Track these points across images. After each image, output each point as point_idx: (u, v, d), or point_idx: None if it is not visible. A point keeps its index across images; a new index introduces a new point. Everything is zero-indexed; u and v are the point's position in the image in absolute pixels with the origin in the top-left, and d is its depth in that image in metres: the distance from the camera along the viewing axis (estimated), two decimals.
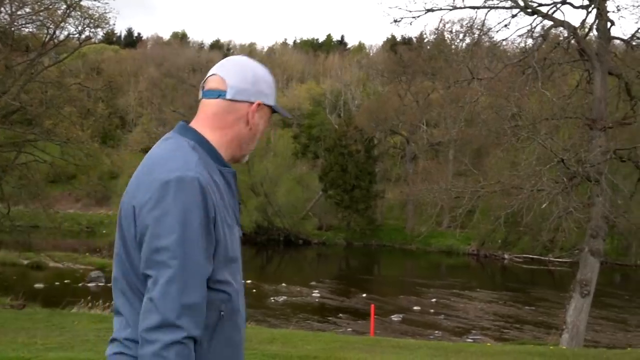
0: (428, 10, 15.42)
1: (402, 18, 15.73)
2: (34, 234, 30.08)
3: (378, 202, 59.61)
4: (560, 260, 42.11)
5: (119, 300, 2.01)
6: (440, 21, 55.92)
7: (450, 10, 15.32)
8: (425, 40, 55.29)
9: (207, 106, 2.25)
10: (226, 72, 2.24)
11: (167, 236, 1.86)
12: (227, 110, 2.23)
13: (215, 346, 2.04)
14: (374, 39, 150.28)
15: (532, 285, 37.66)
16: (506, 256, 50.95)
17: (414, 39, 63.25)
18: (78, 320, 10.33)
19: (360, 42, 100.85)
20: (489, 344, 14.18)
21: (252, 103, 2.26)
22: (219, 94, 2.22)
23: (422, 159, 60.32)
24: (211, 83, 2.26)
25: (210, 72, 2.29)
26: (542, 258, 48.06)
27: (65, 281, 29.38)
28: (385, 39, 67.51)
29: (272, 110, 2.41)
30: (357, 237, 57.07)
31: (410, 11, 15.45)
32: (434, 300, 30.33)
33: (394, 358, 7.43)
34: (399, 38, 72.53)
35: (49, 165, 27.67)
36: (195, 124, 2.24)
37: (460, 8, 15.07)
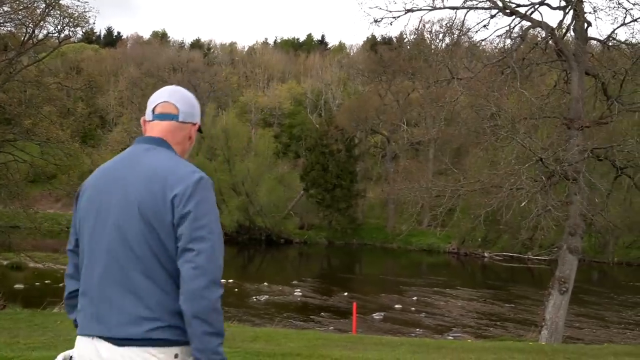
0: (408, 11, 15.56)
1: (382, 18, 15.87)
2: (13, 234, 29.76)
3: (359, 201, 59.87)
4: (539, 258, 42.66)
5: (145, 290, 2.38)
6: (420, 21, 56.38)
7: (430, 10, 15.49)
8: (405, 40, 55.71)
9: (161, 126, 2.71)
10: (176, 100, 2.75)
11: (205, 217, 2.44)
12: (179, 129, 2.73)
13: None
14: (355, 39, 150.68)
15: (512, 283, 38.03)
16: (486, 254, 51.40)
17: (394, 39, 63.52)
18: (60, 320, 10.36)
19: (340, 42, 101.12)
20: (469, 341, 14.35)
21: (194, 124, 2.82)
22: (172, 117, 2.71)
23: (403, 158, 60.68)
24: (164, 108, 2.73)
25: (159, 100, 2.75)
26: (522, 256, 48.61)
27: (46, 281, 29.21)
28: (365, 39, 67.79)
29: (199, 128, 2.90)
30: (338, 236, 57.26)
31: (390, 11, 15.60)
32: (415, 298, 30.52)
33: (375, 355, 7.54)
34: (379, 38, 72.79)
35: (28, 165, 27.44)
36: (153, 140, 2.70)
37: (440, 8, 15.27)
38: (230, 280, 33.10)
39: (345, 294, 30.69)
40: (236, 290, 30.77)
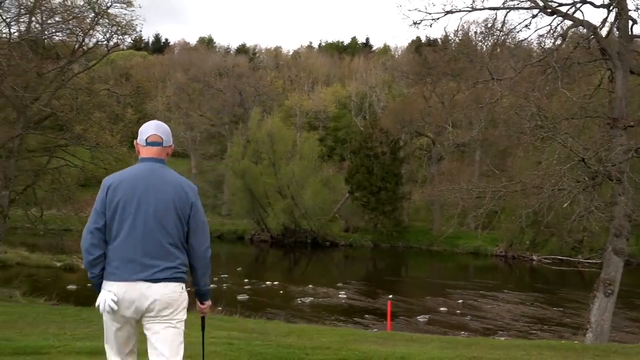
0: (447, 12, 15.52)
1: (421, 20, 15.86)
2: (66, 237, 30.68)
3: (404, 204, 59.63)
4: (590, 261, 41.77)
5: (169, 252, 4.00)
6: (460, 22, 55.90)
7: (470, 11, 15.41)
8: (450, 41, 55.24)
9: (153, 150, 4.17)
10: (161, 133, 4.24)
11: (202, 213, 4.26)
12: (164, 150, 4.25)
13: None
14: (399, 41, 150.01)
15: (561, 286, 37.33)
16: (534, 257, 50.58)
17: (439, 40, 63.08)
18: None
19: (385, 44, 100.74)
20: (502, 339, 14.21)
21: (170, 146, 4.30)
22: (159, 144, 4.19)
23: (448, 160, 60.19)
24: (154, 138, 4.20)
25: (150, 132, 4.22)
26: (571, 259, 47.70)
27: None
28: (410, 41, 67.47)
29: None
30: (383, 239, 57.12)
31: (430, 13, 15.58)
32: (460, 301, 30.27)
33: (404, 350, 7.62)
34: (424, 39, 72.40)
35: (79, 169, 28.21)
36: (157, 160, 4.22)
37: (479, 9, 15.14)
38: (276, 283, 33.40)
39: (390, 296, 30.57)
40: (281, 292, 31.03)
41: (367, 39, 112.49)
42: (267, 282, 33.60)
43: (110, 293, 3.93)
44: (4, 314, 10.50)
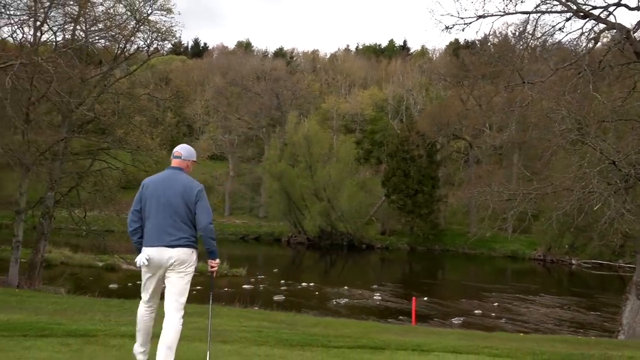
0: (479, 17, 15.63)
1: (453, 25, 15.98)
2: (108, 238, 31.46)
3: (441, 207, 59.49)
4: (630, 265, 41.11)
5: (182, 227, 5.78)
6: (492, 27, 55.67)
7: (502, 16, 15.50)
8: (488, 43, 54.86)
9: (176, 161, 6.02)
10: (182, 150, 6.04)
11: (205, 201, 5.91)
12: (183, 162, 6.02)
13: None
14: (437, 43, 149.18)
15: (600, 290, 36.81)
16: (574, 261, 49.97)
17: (477, 43, 62.65)
18: None
19: (422, 47, 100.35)
20: (521, 334, 14.25)
21: (190, 160, 6.07)
22: (179, 157, 6.01)
23: (486, 163, 59.85)
24: (177, 154, 6.03)
25: (176, 150, 6.05)
26: (612, 263, 47.02)
27: (137, 282, 30.43)
28: (447, 43, 67.25)
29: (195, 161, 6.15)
30: (420, 241, 57.06)
31: (462, 18, 15.70)
32: (496, 304, 30.12)
33: (422, 340, 7.87)
34: (462, 42, 72.02)
35: (120, 171, 28.93)
36: (177, 168, 6.06)
37: (512, 14, 15.22)
38: (312, 284, 33.63)
39: (425, 298, 30.61)
40: (317, 293, 31.27)
41: (405, 42, 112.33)
42: (303, 283, 33.86)
43: (144, 254, 5.76)
44: (54, 304, 11.37)
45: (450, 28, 16.32)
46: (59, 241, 39.60)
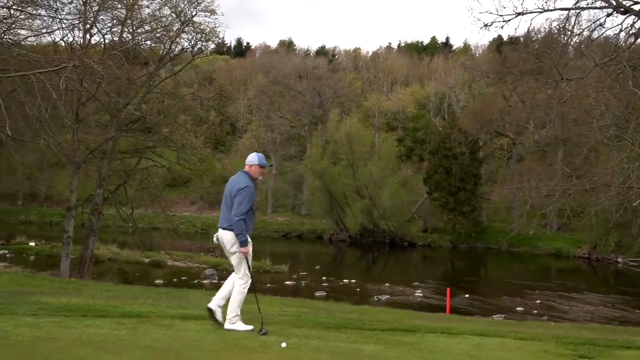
0: (518, 14, 15.63)
1: (492, 22, 16.03)
2: (154, 235, 32.20)
3: (484, 204, 59.02)
4: None
5: (227, 216, 7.28)
6: (530, 24, 55.10)
7: (541, 12, 15.50)
8: (532, 39, 54.14)
9: (246, 164, 7.50)
10: (248, 157, 7.56)
11: (240, 197, 7.22)
12: (247, 167, 7.49)
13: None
14: (480, 40, 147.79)
15: None
16: (620, 260, 49.05)
17: (521, 38, 61.90)
18: (193, 294, 12.34)
19: (465, 43, 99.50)
20: (552, 323, 14.25)
21: (250, 165, 7.46)
22: (246, 163, 7.50)
23: (529, 160, 59.14)
24: (247, 160, 7.56)
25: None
26: None
27: (182, 278, 31.14)
28: (491, 39, 66.61)
29: (261, 166, 7.49)
30: (462, 239, 56.74)
31: (501, 15, 15.76)
32: (538, 301, 29.87)
33: (451, 325, 8.11)
34: (505, 38, 71.22)
35: (166, 169, 29.65)
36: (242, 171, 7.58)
37: (551, 10, 15.20)
38: (353, 281, 33.86)
39: (467, 295, 30.53)
40: (358, 289, 31.47)
41: (447, 39, 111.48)
42: (345, 280, 34.09)
43: (216, 234, 7.42)
44: (108, 292, 12.18)
45: (489, 26, 16.38)
46: (107, 238, 40.64)
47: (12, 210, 63.47)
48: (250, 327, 6.81)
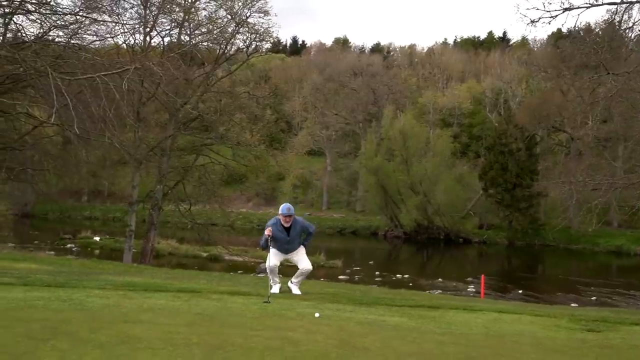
0: (565, 10, 15.80)
1: (539, 18, 16.23)
2: (211, 231, 33.23)
3: (541, 201, 58.26)
4: None
5: (296, 241, 9.46)
6: (577, 19, 54.03)
7: (588, 7, 15.64)
8: (594, 31, 53.14)
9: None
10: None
11: (310, 228, 9.87)
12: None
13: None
14: (538, 34, 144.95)
15: None
16: None
17: (581, 32, 60.73)
18: (244, 278, 13.21)
19: (523, 38, 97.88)
20: (575, 305, 14.34)
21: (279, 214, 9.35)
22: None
23: (589, 155, 58.01)
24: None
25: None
26: None
27: (239, 271, 32.08)
28: (550, 33, 65.50)
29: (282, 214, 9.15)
30: (519, 236, 56.17)
31: (548, 11, 15.95)
32: (594, 298, 29.57)
33: (474, 303, 8.57)
34: (564, 31, 69.80)
35: (223, 166, 30.65)
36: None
37: (598, 5, 15.32)
38: (406, 276, 34.16)
39: (520, 291, 30.49)
40: (410, 284, 31.73)
41: (504, 33, 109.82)
42: (398, 275, 34.38)
43: None
44: (166, 273, 13.22)
45: (536, 22, 16.58)
46: (167, 233, 42.09)
47: (77, 206, 66.17)
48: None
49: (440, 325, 6.11)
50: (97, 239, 41.68)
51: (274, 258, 9.06)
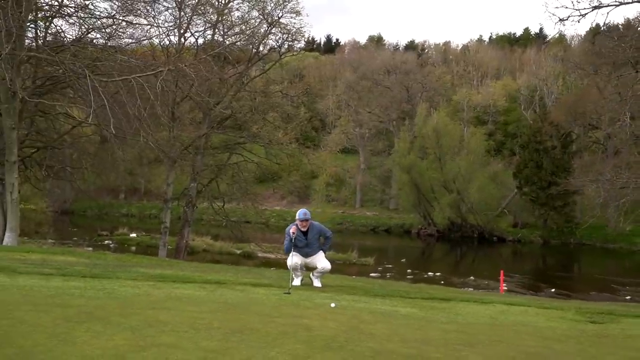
0: (594, 8, 15.88)
1: (568, 17, 16.31)
2: (244, 228, 33.72)
3: (577, 199, 57.60)
4: None
5: (314, 244, 9.98)
6: (606, 17, 53.25)
7: (617, 5, 15.66)
8: (634, 25, 52.29)
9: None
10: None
11: (328, 232, 10.45)
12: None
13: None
14: (576, 30, 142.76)
15: None
16: None
17: (620, 27, 59.78)
18: (269, 271, 14.21)
19: (560, 34, 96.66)
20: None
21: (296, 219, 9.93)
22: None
23: (626, 153, 57.10)
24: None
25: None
26: None
27: (272, 268, 32.50)
28: (588, 29, 64.51)
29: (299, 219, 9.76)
30: (554, 235, 55.64)
31: (578, 10, 16.00)
32: (628, 297, 29.28)
33: (484, 296, 8.81)
34: (602, 27, 68.65)
35: (255, 164, 31.15)
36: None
37: (628, 3, 15.35)
38: (438, 274, 34.21)
39: (553, 290, 30.36)
40: (442, 282, 31.81)
41: (541, 29, 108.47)
42: (430, 273, 34.43)
43: None
44: (195, 267, 13.82)
45: (565, 20, 16.67)
46: (201, 230, 42.79)
47: (115, 203, 67.56)
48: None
49: (448, 315, 6.41)
50: (133, 235, 42.63)
51: (294, 257, 9.58)
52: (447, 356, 4.36)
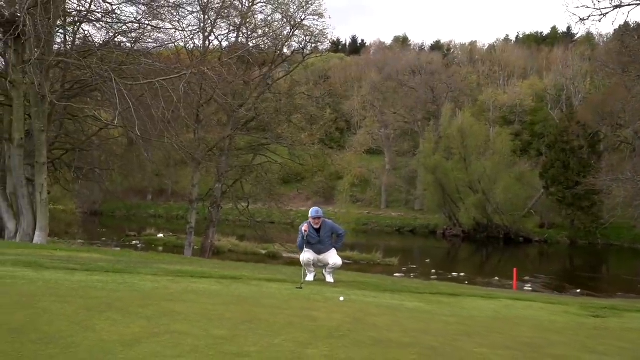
0: (615, 7, 15.85)
1: (589, 16, 16.30)
2: (269, 229, 34.02)
3: (604, 200, 56.97)
4: None
5: (326, 242, 10.21)
6: (627, 16, 52.62)
7: (639, 4, 15.65)
8: None
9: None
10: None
11: (341, 229, 10.62)
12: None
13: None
14: (604, 28, 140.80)
15: None
16: None
17: None
18: (285, 269, 14.80)
19: (588, 32, 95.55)
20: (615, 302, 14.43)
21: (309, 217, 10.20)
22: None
23: None
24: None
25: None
26: None
27: (292, 267, 32.78)
28: (617, 28, 63.71)
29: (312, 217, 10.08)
30: (581, 235, 55.14)
31: (598, 9, 15.99)
32: None
33: (492, 292, 8.97)
34: (632, 24, 67.71)
35: (280, 165, 31.48)
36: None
37: None
38: (462, 274, 34.19)
39: (578, 290, 30.19)
40: (466, 282, 31.83)
41: (569, 28, 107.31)
42: (454, 273, 34.41)
43: None
44: (214, 264, 14.07)
45: (585, 20, 16.68)
46: (226, 231, 43.24)
47: (142, 204, 68.56)
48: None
49: (453, 309, 6.62)
50: (160, 236, 43.30)
51: (307, 253, 9.89)
52: (443, 345, 4.59)
